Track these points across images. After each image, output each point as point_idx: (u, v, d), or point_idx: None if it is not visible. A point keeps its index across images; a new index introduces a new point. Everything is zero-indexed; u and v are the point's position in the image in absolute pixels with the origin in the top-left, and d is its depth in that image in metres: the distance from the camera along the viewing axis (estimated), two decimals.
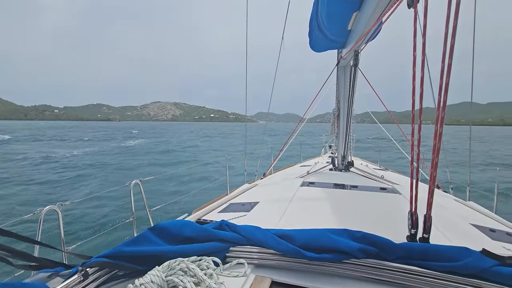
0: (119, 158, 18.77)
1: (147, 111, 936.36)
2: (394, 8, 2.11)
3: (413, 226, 1.35)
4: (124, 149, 25.32)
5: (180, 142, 34.73)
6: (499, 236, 1.86)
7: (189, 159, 19.54)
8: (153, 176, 3.22)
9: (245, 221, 1.96)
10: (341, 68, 4.08)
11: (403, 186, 3.01)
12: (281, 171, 5.16)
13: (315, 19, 3.86)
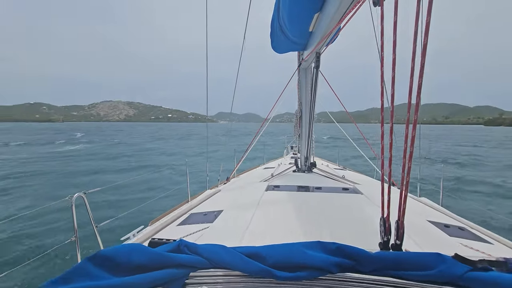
0: (53, 166, 15.65)
1: (96, 111, 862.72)
2: (356, 9, 2.12)
3: (385, 233, 1.31)
4: (60, 155, 21.15)
5: (131, 145, 30.73)
6: (454, 232, 1.97)
7: (142, 164, 17.17)
8: (100, 187, 2.82)
9: (208, 235, 1.79)
10: (303, 70, 4.10)
11: (364, 186, 3.12)
12: (245, 174, 5.05)
13: (276, 20, 3.82)
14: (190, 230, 2.05)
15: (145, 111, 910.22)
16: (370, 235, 1.70)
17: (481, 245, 1.78)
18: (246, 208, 2.36)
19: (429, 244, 1.40)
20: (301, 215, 2.12)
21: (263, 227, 1.91)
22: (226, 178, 4.35)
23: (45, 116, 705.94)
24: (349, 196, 2.75)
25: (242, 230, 1.83)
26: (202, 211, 2.61)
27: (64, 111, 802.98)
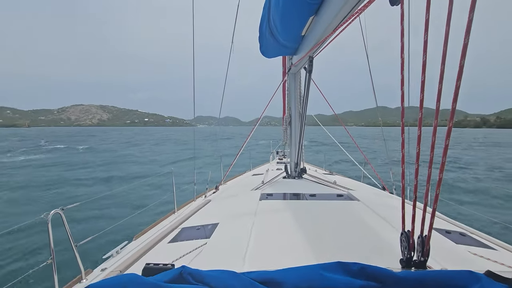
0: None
1: (66, 115, 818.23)
2: (357, 15, 2.05)
3: (409, 249, 1.22)
4: (8, 167, 17.25)
5: (100, 153, 27.27)
6: (457, 238, 1.95)
7: (110, 175, 14.98)
8: (78, 202, 2.51)
9: (208, 253, 1.62)
10: (291, 74, 4.05)
11: (358, 192, 3.08)
12: (233, 182, 4.90)
13: (266, 23, 3.73)
14: (185, 248, 1.86)
15: (120, 115, 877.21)
16: (383, 249, 1.63)
17: (487, 252, 1.76)
18: (243, 220, 2.20)
19: (441, 255, 1.34)
20: (303, 227, 2.00)
21: (266, 242, 1.77)
22: (215, 186, 4.17)
23: (9, 121, 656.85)
24: (346, 203, 2.68)
25: (244, 245, 1.69)
26: (194, 224, 2.42)
27: (31, 116, 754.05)
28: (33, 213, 7.57)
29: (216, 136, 35.93)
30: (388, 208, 2.54)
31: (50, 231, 1.95)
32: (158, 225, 3.15)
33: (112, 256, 2.38)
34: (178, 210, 3.56)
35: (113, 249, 2.44)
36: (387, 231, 1.90)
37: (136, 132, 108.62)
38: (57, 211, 2.04)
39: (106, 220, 7.04)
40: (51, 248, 1.98)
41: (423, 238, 1.16)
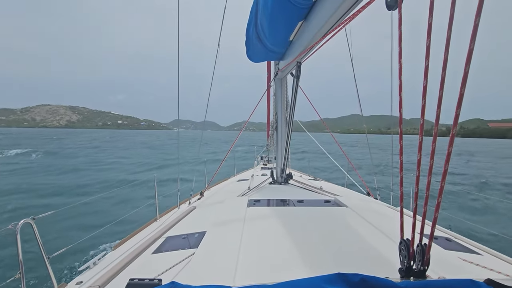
0: None
1: (31, 115, 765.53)
2: (347, 22, 2.07)
3: (409, 258, 1.21)
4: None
5: (61, 157, 23.59)
6: (445, 244, 2.00)
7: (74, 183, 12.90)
8: (51, 211, 2.31)
9: (197, 264, 1.53)
10: (278, 80, 4.06)
11: (345, 198, 3.11)
12: (218, 187, 4.79)
13: (253, 27, 3.72)
14: (171, 259, 1.76)
15: (91, 117, 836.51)
16: (379, 257, 1.61)
17: (476, 258, 1.82)
18: (231, 228, 2.12)
19: (433, 262, 1.37)
20: (294, 236, 1.96)
21: (258, 252, 1.70)
22: (199, 193, 4.04)
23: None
24: (334, 209, 2.68)
25: (234, 256, 1.61)
26: (179, 233, 2.32)
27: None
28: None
29: (195, 141, 34.87)
30: (376, 215, 2.57)
31: (18, 242, 1.77)
32: (140, 233, 2.98)
33: (89, 268, 2.22)
34: (160, 217, 3.40)
35: (90, 260, 2.28)
36: (380, 239, 1.90)
37: (107, 135, 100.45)
38: (28, 220, 1.87)
39: (82, 229, 6.60)
40: (20, 261, 1.80)
41: (423, 247, 1.15)
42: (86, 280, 1.97)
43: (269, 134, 4.52)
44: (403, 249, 1.24)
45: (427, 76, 1.08)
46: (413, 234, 1.18)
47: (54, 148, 33.30)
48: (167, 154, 26.14)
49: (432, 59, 1.09)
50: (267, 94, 4.59)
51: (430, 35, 1.06)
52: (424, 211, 1.15)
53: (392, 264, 1.48)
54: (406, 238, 1.23)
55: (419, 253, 1.15)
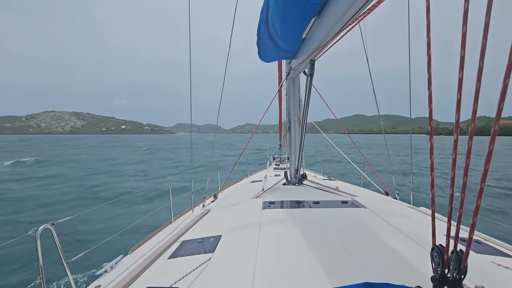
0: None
1: (36, 122, 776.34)
2: (363, 17, 2.02)
3: (444, 266, 1.13)
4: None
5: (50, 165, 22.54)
6: (476, 248, 1.87)
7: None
8: (69, 216, 2.33)
9: (214, 270, 1.50)
10: (290, 79, 4.02)
11: (363, 198, 3.03)
12: (232, 189, 4.75)
13: (264, 26, 3.69)
14: (187, 264, 1.74)
15: (95, 122, 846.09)
16: (406, 264, 1.52)
17: (510, 262, 1.72)
18: (247, 231, 2.08)
19: (473, 270, 1.20)
20: (312, 240, 1.89)
21: (276, 258, 1.65)
22: (213, 195, 4.00)
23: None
24: (352, 211, 2.59)
25: (252, 261, 1.56)
26: (194, 237, 2.29)
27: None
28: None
29: (185, 144, 34.58)
30: (397, 216, 2.46)
31: (39, 248, 1.80)
32: (155, 237, 2.98)
33: (107, 272, 2.25)
34: (175, 220, 3.38)
35: (107, 264, 2.31)
36: (406, 243, 1.80)
37: (109, 140, 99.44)
38: (47, 226, 1.90)
39: (98, 234, 6.70)
40: (40, 266, 1.84)
41: (459, 254, 1.07)
42: (104, 284, 1.99)
43: (281, 135, 4.45)
44: (435, 255, 1.16)
45: (462, 67, 0.99)
46: (448, 240, 1.11)
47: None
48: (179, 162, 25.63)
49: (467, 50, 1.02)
50: (279, 94, 4.53)
51: (466, 23, 0.98)
52: (460, 215, 1.07)
53: (422, 271, 1.40)
54: (439, 244, 1.15)
55: (455, 261, 1.07)
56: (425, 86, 1.10)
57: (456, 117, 1.04)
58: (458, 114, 1.04)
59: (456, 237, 1.07)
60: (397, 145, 52.95)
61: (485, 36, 0.90)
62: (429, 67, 1.10)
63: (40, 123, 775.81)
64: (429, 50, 1.10)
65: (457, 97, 1.03)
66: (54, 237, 1.95)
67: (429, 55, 1.10)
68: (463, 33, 0.96)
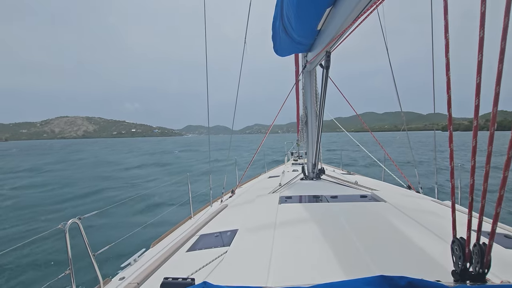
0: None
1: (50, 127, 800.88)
2: (380, 2, 1.96)
3: (465, 260, 1.08)
4: None
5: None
6: (503, 241, 1.77)
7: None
8: (95, 211, 2.45)
9: (230, 263, 1.52)
10: (307, 72, 3.99)
11: (383, 192, 2.98)
12: (249, 184, 4.77)
13: (279, 20, 3.69)
14: (204, 257, 1.78)
15: (106, 126, 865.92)
16: (426, 258, 1.48)
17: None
18: (263, 225, 2.10)
19: (494, 263, 1.10)
20: (328, 233, 1.88)
21: (291, 251, 1.65)
22: (231, 190, 4.02)
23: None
24: (371, 205, 2.54)
25: (267, 255, 1.57)
26: (212, 231, 2.36)
27: (12, 129, 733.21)
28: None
29: (189, 145, 35.08)
30: (419, 210, 2.39)
31: (67, 241, 1.91)
32: (175, 231, 3.08)
33: (130, 264, 2.35)
34: (194, 215, 3.47)
35: (131, 257, 2.42)
36: (426, 237, 1.75)
37: (116, 143, 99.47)
38: (75, 220, 2.01)
39: (122, 227, 7.06)
40: (69, 258, 1.93)
41: (481, 247, 1.02)
42: (128, 276, 2.09)
43: (299, 129, 4.42)
44: (456, 249, 1.12)
45: (502, 60, 0.92)
46: (469, 232, 1.06)
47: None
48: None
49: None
50: (296, 88, 4.50)
51: (484, 26, 0.94)
52: (482, 206, 1.01)
53: (443, 265, 1.36)
54: (460, 236, 1.12)
55: (477, 254, 1.03)
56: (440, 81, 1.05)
57: (476, 103, 1.00)
58: (478, 99, 1.00)
59: (479, 229, 1.02)
60: (418, 142, 51.38)
61: (504, 38, 0.88)
62: (447, 52, 1.08)
63: (54, 128, 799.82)
64: (447, 33, 1.07)
65: (477, 81, 0.99)
66: (81, 230, 2.05)
67: (446, 39, 1.08)
68: (480, 37, 0.93)
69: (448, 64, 1.08)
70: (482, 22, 0.92)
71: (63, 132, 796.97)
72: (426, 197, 3.30)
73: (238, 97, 4.13)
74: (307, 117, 4.11)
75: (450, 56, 1.08)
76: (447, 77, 1.10)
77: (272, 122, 4.34)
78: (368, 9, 2.05)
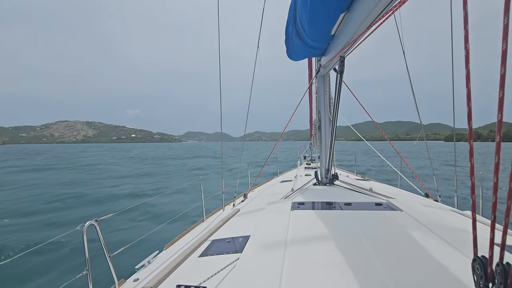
0: None
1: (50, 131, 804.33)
2: (396, 8, 1.94)
3: (487, 280, 1.04)
4: None
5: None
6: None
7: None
8: (111, 213, 2.60)
9: (240, 272, 1.53)
10: (320, 77, 4.02)
11: (399, 200, 2.95)
12: (261, 188, 4.76)
13: (292, 24, 3.74)
14: (216, 264, 1.84)
15: (106, 132, 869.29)
16: (445, 274, 1.42)
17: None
18: (275, 232, 2.11)
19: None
20: (342, 243, 1.85)
21: (304, 261, 1.63)
22: (243, 195, 3.99)
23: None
24: (387, 214, 2.49)
25: (279, 263, 1.56)
26: (224, 236, 2.41)
27: (12, 133, 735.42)
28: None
29: (194, 151, 35.49)
30: (438, 221, 2.33)
31: (85, 242, 1.97)
32: (188, 234, 3.15)
33: (144, 266, 2.43)
34: (206, 218, 3.49)
35: (145, 259, 2.51)
36: (446, 251, 1.69)
37: (108, 149, 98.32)
38: (92, 222, 2.08)
39: (137, 230, 7.23)
40: (86, 259, 2.01)
41: (505, 267, 0.98)
42: (142, 278, 2.16)
43: (312, 134, 4.41)
44: (477, 268, 1.09)
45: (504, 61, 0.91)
46: (491, 251, 1.02)
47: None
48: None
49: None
50: (309, 92, 4.51)
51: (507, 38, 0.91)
52: (506, 224, 0.97)
53: (463, 284, 1.30)
54: (482, 255, 1.09)
55: (500, 274, 0.99)
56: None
57: (499, 117, 0.96)
58: (501, 113, 0.95)
59: (502, 248, 0.98)
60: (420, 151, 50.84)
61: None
62: (467, 63, 1.05)
63: (54, 133, 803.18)
64: (467, 43, 1.05)
65: (499, 96, 0.95)
66: (98, 232, 2.13)
67: (467, 49, 1.05)
68: (503, 50, 0.91)
69: (469, 76, 1.06)
70: (505, 34, 0.89)
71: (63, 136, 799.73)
72: (445, 206, 3.24)
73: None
74: (320, 122, 4.15)
75: (470, 67, 1.04)
76: (467, 89, 1.08)
77: (283, 128, 4.36)
78: (384, 15, 2.05)
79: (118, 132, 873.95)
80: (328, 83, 4.05)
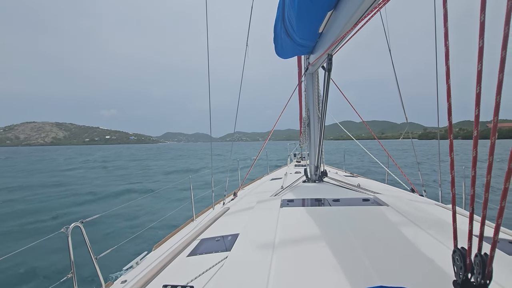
0: None
1: (14, 133, 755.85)
2: (382, 5, 2.01)
3: (466, 270, 1.09)
4: None
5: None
6: (508, 248, 1.79)
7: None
8: (97, 214, 2.56)
9: (228, 270, 1.55)
10: (309, 75, 4.08)
11: (385, 196, 3.10)
12: (252, 187, 4.79)
13: (280, 22, 3.78)
14: (204, 263, 1.86)
15: (78, 133, 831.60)
16: (427, 267, 1.49)
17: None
18: (264, 230, 2.15)
19: (498, 271, 1.10)
20: (329, 239, 1.90)
21: (292, 256, 1.68)
22: (233, 193, 3.96)
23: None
24: (374, 209, 2.59)
25: (267, 261, 1.59)
26: (213, 235, 2.44)
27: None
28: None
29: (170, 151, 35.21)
30: (422, 215, 2.40)
31: (70, 244, 1.96)
32: (177, 234, 3.16)
33: (132, 267, 2.43)
34: (196, 217, 3.53)
35: (133, 260, 2.50)
36: (429, 244, 1.75)
37: (81, 151, 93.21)
38: (77, 224, 2.07)
39: (125, 230, 7.11)
40: (71, 261, 2.00)
41: (483, 258, 1.02)
42: (130, 279, 2.15)
43: (301, 131, 4.45)
44: (457, 259, 1.14)
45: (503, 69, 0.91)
46: (470, 243, 1.07)
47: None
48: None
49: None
50: (299, 90, 4.55)
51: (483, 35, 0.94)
52: (483, 216, 1.02)
53: (444, 275, 1.36)
54: (461, 246, 1.14)
55: (479, 265, 1.03)
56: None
57: (476, 112, 0.99)
58: (478, 109, 0.98)
59: (480, 239, 1.02)
60: (396, 150, 52.51)
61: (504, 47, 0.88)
62: (447, 59, 1.09)
63: (19, 135, 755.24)
64: (447, 41, 1.08)
65: (476, 91, 0.99)
66: (83, 234, 2.12)
67: (447, 47, 1.09)
68: (479, 46, 0.94)
69: (449, 72, 1.10)
70: (481, 31, 0.92)
71: (29, 138, 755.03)
72: (429, 200, 3.41)
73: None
74: (309, 119, 4.24)
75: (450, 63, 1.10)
76: (447, 85, 1.12)
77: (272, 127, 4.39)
78: (369, 13, 2.12)
79: (91, 134, 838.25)
80: (317, 81, 4.15)
